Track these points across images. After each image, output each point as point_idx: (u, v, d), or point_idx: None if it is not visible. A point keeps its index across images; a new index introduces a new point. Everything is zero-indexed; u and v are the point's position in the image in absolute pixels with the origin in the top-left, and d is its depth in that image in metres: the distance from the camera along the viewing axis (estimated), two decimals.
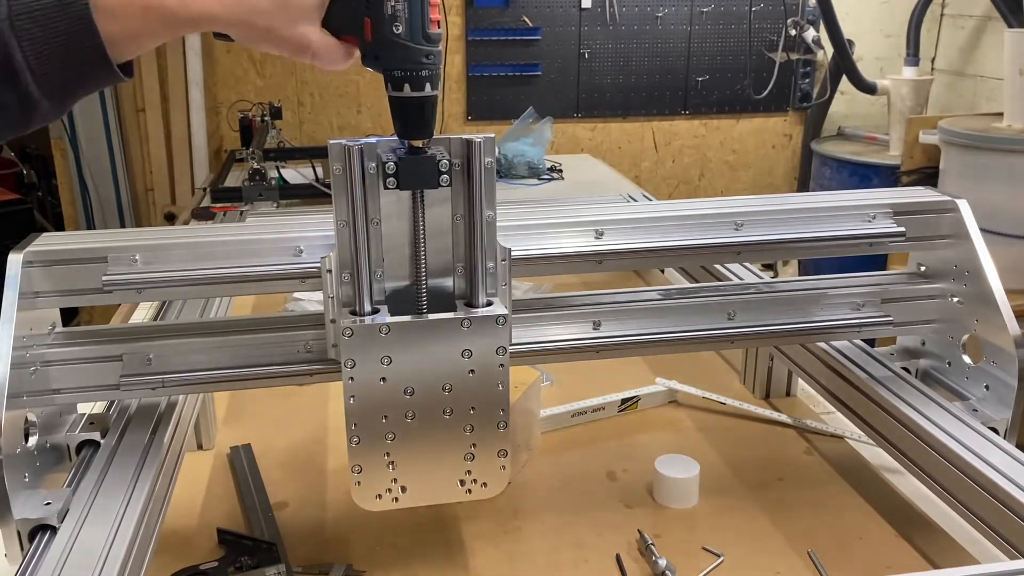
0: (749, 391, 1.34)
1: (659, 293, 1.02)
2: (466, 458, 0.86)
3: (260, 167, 2.44)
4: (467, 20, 3.72)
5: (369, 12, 0.75)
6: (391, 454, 0.84)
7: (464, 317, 0.83)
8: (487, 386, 0.85)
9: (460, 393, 0.84)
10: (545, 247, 0.94)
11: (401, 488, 0.86)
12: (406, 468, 0.85)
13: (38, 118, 0.70)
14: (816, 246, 1.00)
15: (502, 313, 0.84)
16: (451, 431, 0.85)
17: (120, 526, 0.78)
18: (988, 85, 3.60)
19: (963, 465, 0.87)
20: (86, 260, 0.86)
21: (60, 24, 0.66)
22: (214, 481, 1.11)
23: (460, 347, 0.83)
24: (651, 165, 4.09)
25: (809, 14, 3.86)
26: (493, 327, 0.83)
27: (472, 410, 0.85)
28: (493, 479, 0.88)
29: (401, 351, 0.82)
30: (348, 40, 0.78)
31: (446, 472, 0.87)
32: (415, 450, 0.85)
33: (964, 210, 1.01)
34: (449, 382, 0.84)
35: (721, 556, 0.94)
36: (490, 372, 0.84)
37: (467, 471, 0.87)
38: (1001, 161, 2.60)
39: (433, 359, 0.83)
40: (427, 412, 0.84)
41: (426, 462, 0.86)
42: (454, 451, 0.86)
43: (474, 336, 0.83)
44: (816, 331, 1.04)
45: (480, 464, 0.87)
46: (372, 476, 0.85)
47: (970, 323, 1.01)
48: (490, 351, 0.84)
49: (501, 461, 0.87)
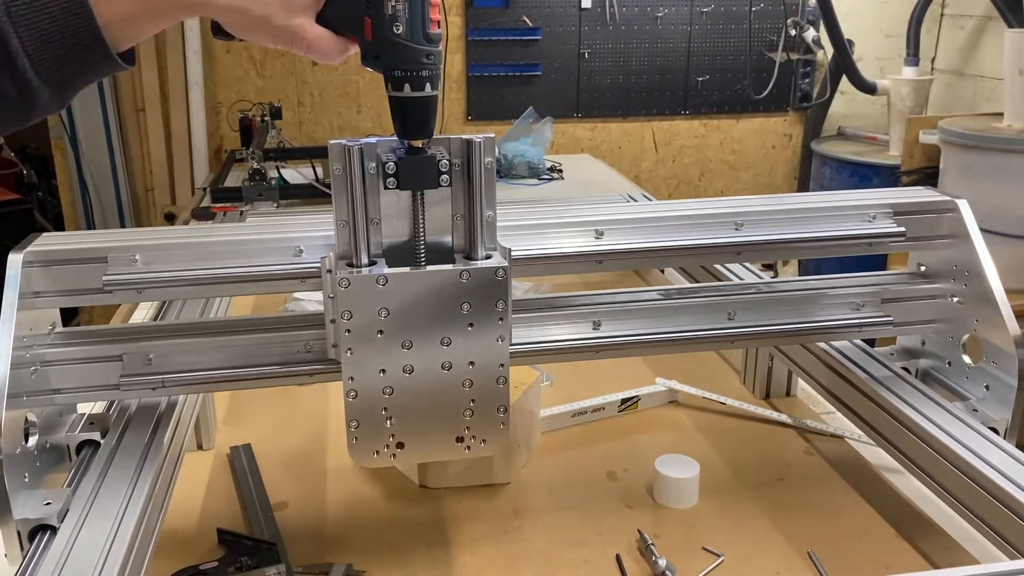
0: (749, 391, 1.34)
1: (659, 293, 1.02)
2: (465, 414, 0.85)
3: (260, 167, 2.44)
4: (467, 20, 3.72)
5: (369, 12, 0.75)
6: (388, 409, 0.83)
7: (463, 269, 0.82)
8: (486, 340, 0.83)
9: (459, 347, 0.83)
10: (545, 247, 0.94)
11: (398, 445, 0.85)
12: (403, 424, 0.84)
13: (38, 109, 0.70)
14: (816, 246, 1.00)
15: (502, 265, 0.83)
16: (449, 386, 0.84)
17: (120, 526, 0.78)
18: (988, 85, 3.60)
19: (963, 465, 0.87)
20: (86, 260, 0.86)
21: (55, 8, 0.66)
22: (214, 481, 1.11)
23: (459, 300, 0.82)
24: (651, 165, 4.09)
25: (809, 14, 3.86)
26: (492, 279, 0.82)
27: (471, 365, 0.84)
28: (492, 437, 0.87)
29: (399, 303, 0.80)
30: (348, 38, 0.78)
31: (444, 429, 0.85)
32: (413, 406, 0.84)
33: (964, 210, 1.01)
34: (448, 336, 0.82)
35: (721, 556, 0.94)
36: (489, 326, 0.83)
37: (466, 428, 0.86)
38: (1001, 161, 2.60)
39: (431, 312, 0.81)
40: (425, 367, 0.83)
41: (424, 418, 0.84)
42: (452, 407, 0.85)
43: (473, 288, 0.82)
44: (816, 331, 1.04)
45: (479, 421, 0.86)
46: (369, 432, 0.84)
47: (970, 323, 1.01)
48: (490, 304, 0.82)
49: (501, 418, 0.86)
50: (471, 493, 1.08)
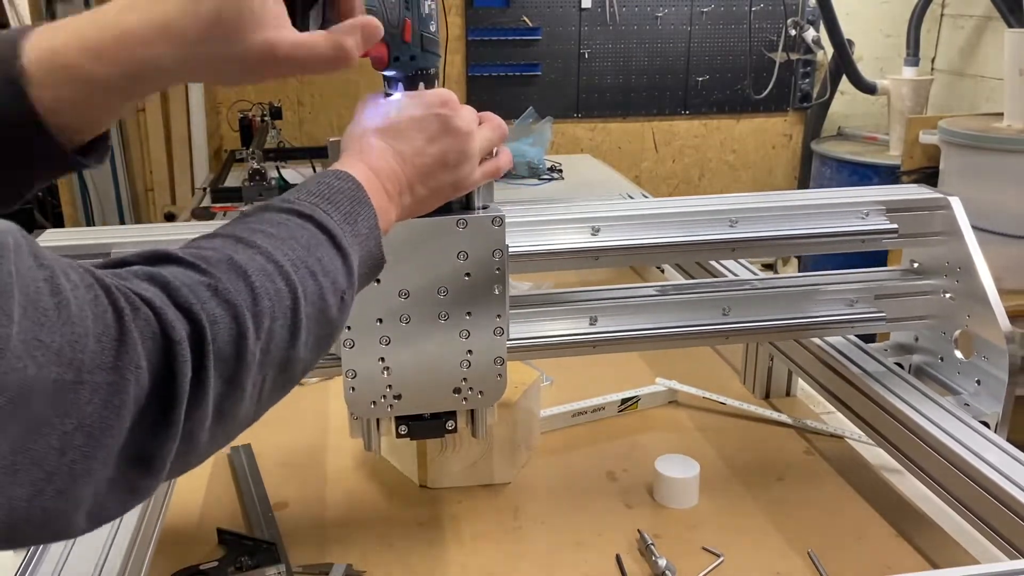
0: (749, 391, 1.34)
1: (655, 289, 1.02)
2: (462, 365, 0.85)
3: (260, 167, 2.43)
4: (467, 20, 3.72)
5: (409, 12, 0.75)
6: (386, 359, 0.83)
7: (460, 217, 0.81)
8: (484, 290, 0.83)
9: (456, 297, 0.82)
10: (542, 243, 0.94)
11: (396, 396, 0.84)
12: (401, 375, 0.84)
13: None
14: (809, 242, 1.00)
15: (499, 214, 0.82)
16: (447, 336, 0.83)
17: (120, 525, 0.78)
18: (988, 85, 3.60)
19: (958, 461, 0.87)
20: (89, 256, 0.85)
21: None
22: (214, 481, 1.11)
23: (456, 249, 0.81)
24: (651, 165, 4.09)
25: (809, 14, 3.86)
26: (489, 228, 0.82)
27: (468, 315, 0.83)
28: (490, 388, 0.86)
29: (395, 252, 0.79)
30: (376, 47, 0.70)
31: (442, 380, 0.85)
32: (410, 356, 0.83)
33: (956, 207, 1.01)
34: (445, 285, 0.82)
35: (721, 556, 0.94)
36: (487, 276, 0.83)
37: (463, 379, 0.85)
38: (1001, 161, 2.60)
39: (428, 261, 0.81)
40: (422, 316, 0.82)
41: (421, 369, 0.84)
42: (450, 358, 0.84)
43: (470, 237, 0.81)
44: (810, 327, 1.04)
45: (476, 372, 0.85)
46: (366, 382, 0.83)
47: (962, 319, 1.02)
48: (487, 253, 0.82)
49: (498, 369, 0.86)
50: (471, 493, 1.08)
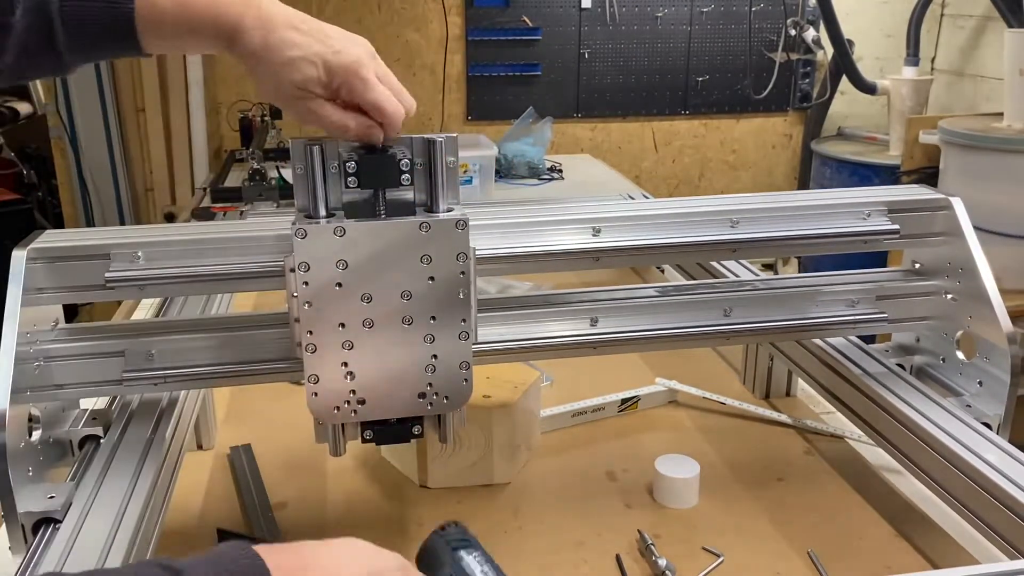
0: (749, 391, 1.34)
1: (656, 290, 1.02)
2: (427, 370, 0.84)
3: (260, 167, 2.43)
4: (467, 20, 3.72)
5: None
6: (348, 364, 0.82)
7: (423, 220, 0.80)
8: (448, 294, 0.82)
9: (420, 301, 0.82)
10: (543, 244, 0.94)
11: (359, 401, 0.84)
12: (364, 380, 0.83)
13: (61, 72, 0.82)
14: (811, 243, 1.00)
15: (462, 217, 0.81)
16: (411, 341, 0.83)
17: (123, 519, 0.78)
18: (988, 85, 3.60)
19: (958, 461, 0.87)
20: (89, 257, 0.86)
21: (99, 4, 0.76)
22: (214, 481, 1.11)
23: (419, 252, 0.81)
24: (651, 165, 4.09)
25: (809, 14, 3.86)
26: (453, 231, 0.81)
27: (433, 319, 0.83)
28: (455, 393, 0.86)
29: (357, 255, 0.79)
30: None
31: (406, 385, 0.84)
32: (374, 361, 0.83)
33: (958, 207, 1.01)
34: (408, 289, 0.81)
35: (721, 556, 0.94)
36: (451, 279, 0.82)
37: (428, 384, 0.85)
38: (1001, 161, 2.60)
39: (391, 265, 0.80)
40: (385, 321, 0.82)
41: (385, 374, 0.83)
42: (414, 362, 0.83)
43: (433, 241, 0.81)
44: (811, 327, 1.04)
45: (441, 377, 0.84)
46: (329, 388, 0.83)
47: (963, 320, 1.02)
48: (450, 257, 0.81)
49: (463, 374, 0.85)
50: (471, 493, 1.08)
